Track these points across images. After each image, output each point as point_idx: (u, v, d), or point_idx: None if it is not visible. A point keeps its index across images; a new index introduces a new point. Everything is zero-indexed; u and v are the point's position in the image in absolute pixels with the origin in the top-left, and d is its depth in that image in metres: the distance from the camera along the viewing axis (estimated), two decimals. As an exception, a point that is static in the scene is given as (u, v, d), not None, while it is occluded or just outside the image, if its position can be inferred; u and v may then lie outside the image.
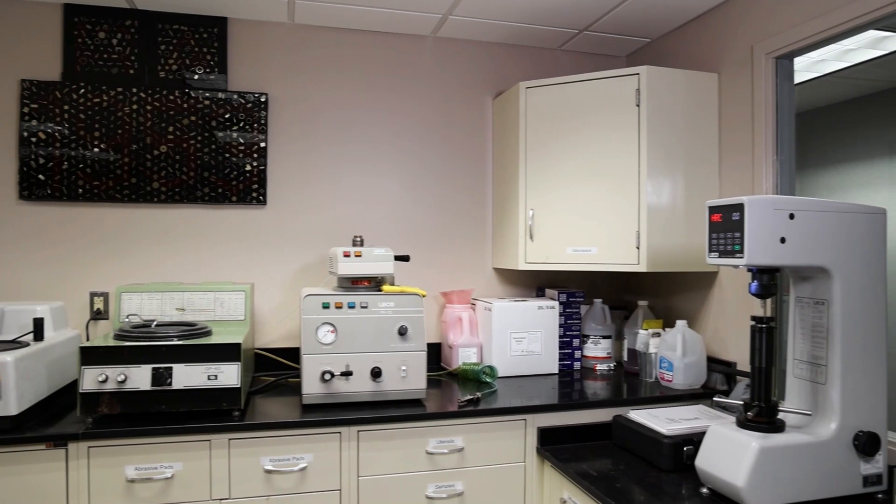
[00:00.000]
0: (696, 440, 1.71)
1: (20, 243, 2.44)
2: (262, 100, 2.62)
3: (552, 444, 2.06)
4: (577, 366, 2.72)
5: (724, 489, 1.50)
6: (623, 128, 2.37)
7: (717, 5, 2.45)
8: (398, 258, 2.39)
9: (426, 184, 2.86)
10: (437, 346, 2.84)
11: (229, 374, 1.90)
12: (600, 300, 2.77)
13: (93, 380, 1.81)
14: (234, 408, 1.90)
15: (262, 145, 2.62)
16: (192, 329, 2.04)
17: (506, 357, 2.56)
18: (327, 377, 2.02)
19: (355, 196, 2.77)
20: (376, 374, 2.06)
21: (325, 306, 2.08)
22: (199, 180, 2.56)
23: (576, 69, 3.05)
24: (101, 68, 2.50)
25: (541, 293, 2.92)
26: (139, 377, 1.84)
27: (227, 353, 1.91)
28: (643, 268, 2.32)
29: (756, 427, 1.51)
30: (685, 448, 1.73)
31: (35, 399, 1.87)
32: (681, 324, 2.38)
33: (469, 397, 2.16)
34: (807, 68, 2.94)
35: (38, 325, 2.02)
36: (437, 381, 2.47)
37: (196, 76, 2.58)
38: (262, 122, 2.62)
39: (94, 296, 2.49)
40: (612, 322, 2.75)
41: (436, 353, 2.83)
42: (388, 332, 2.11)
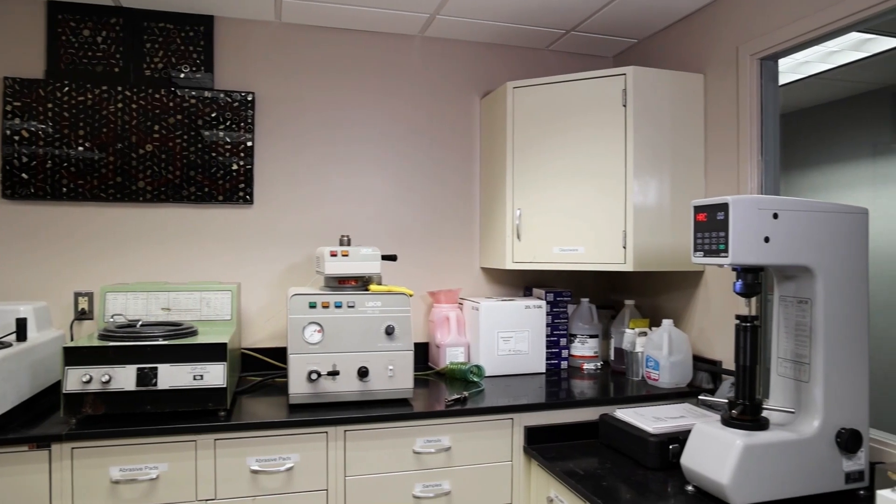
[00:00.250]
0: (681, 438, 1.72)
1: (2, 243, 2.41)
2: (249, 99, 2.61)
3: (539, 443, 2.06)
4: (564, 365, 2.73)
5: (709, 487, 1.51)
6: (610, 128, 2.38)
7: (702, 6, 2.47)
8: (385, 258, 2.39)
9: (414, 183, 2.86)
10: (424, 346, 2.83)
11: (215, 374, 1.89)
12: (587, 299, 2.78)
13: (77, 380, 1.80)
14: (220, 408, 1.89)
15: (249, 144, 2.61)
16: (178, 329, 2.02)
17: (493, 356, 2.57)
18: (314, 377, 2.01)
19: (342, 195, 2.77)
20: (363, 373, 2.06)
21: (312, 306, 2.08)
22: (185, 179, 2.54)
23: (563, 69, 3.06)
24: (86, 66, 2.47)
25: (528, 293, 2.93)
26: (124, 377, 1.83)
27: (213, 352, 1.90)
28: (630, 267, 2.34)
29: (740, 425, 1.53)
30: (671, 446, 1.74)
31: (18, 400, 1.85)
32: (667, 323, 2.39)
33: (456, 396, 2.16)
34: (791, 70, 2.96)
35: (21, 325, 2.00)
36: (424, 381, 2.47)
37: (182, 75, 2.56)
38: (249, 122, 2.61)
39: (78, 296, 2.47)
40: (599, 321, 2.76)
41: (423, 352, 2.83)
42: (375, 331, 2.10)
